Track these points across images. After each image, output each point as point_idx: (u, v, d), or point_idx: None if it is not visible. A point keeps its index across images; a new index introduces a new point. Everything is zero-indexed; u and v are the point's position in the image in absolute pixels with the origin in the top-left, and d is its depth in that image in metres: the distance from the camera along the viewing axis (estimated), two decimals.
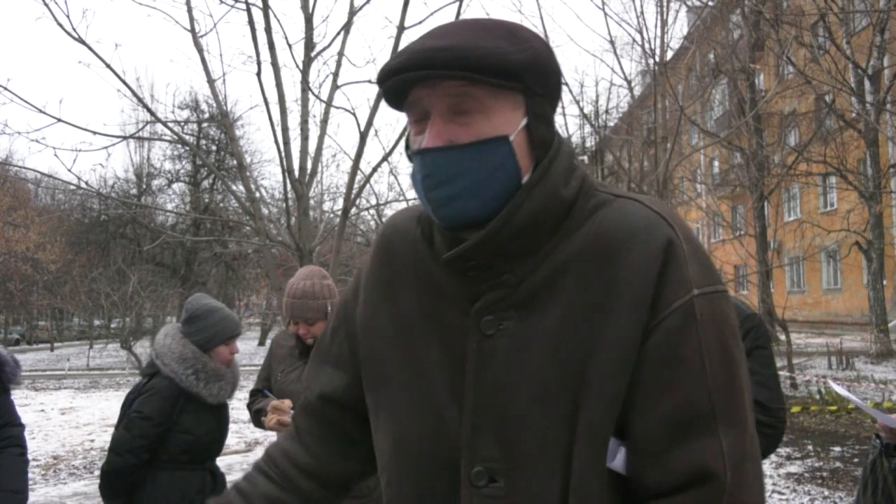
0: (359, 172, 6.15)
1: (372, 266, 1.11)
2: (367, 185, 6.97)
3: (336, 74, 6.02)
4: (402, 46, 5.93)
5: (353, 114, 5.88)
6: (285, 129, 5.96)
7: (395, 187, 17.36)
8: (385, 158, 6.39)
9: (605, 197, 0.96)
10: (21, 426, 2.47)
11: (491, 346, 0.94)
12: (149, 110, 6.31)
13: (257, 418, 2.69)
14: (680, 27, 26.00)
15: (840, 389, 2.62)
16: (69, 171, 5.74)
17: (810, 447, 7.00)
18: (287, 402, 2.55)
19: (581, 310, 0.90)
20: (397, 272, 1.07)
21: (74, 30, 5.33)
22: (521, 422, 0.92)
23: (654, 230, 0.90)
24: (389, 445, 1.04)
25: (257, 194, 6.91)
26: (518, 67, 0.90)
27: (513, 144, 0.92)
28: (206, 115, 26.57)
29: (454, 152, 0.91)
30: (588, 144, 17.76)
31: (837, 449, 6.88)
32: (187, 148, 21.36)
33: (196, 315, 2.69)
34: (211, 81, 6.09)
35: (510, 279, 0.94)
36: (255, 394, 2.86)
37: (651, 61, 8.77)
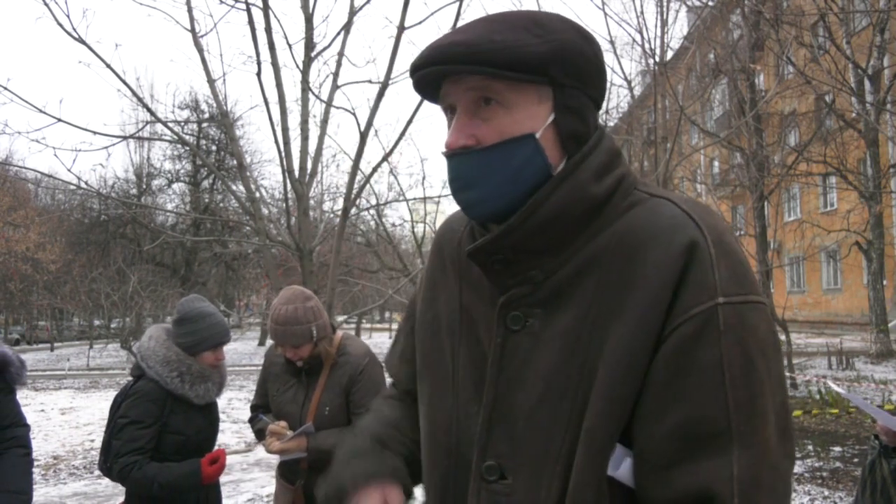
0: (359, 172, 6.14)
1: (428, 264, 1.15)
2: (367, 185, 6.97)
3: (336, 74, 6.01)
4: (402, 46, 5.87)
5: (353, 114, 5.87)
6: (285, 129, 5.95)
7: (394, 187, 17.36)
8: (385, 158, 6.39)
9: (642, 196, 0.93)
10: (26, 426, 2.47)
11: (514, 342, 0.93)
12: (149, 110, 6.31)
13: (259, 438, 2.71)
14: (680, 27, 26.03)
15: (839, 389, 2.62)
16: (69, 171, 5.71)
17: (810, 447, 7.00)
18: (283, 424, 2.57)
19: (598, 310, 0.88)
20: (446, 270, 1.09)
21: (74, 30, 5.33)
22: (530, 420, 0.90)
23: (678, 231, 0.86)
24: (424, 436, 1.06)
25: (257, 194, 6.91)
26: (539, 59, 0.88)
27: (539, 141, 0.90)
28: (206, 115, 26.58)
29: (477, 155, 0.91)
30: None
31: (837, 449, 6.88)
32: (187, 148, 21.37)
33: (186, 318, 2.68)
34: (211, 81, 6.09)
35: (537, 275, 0.93)
36: (255, 409, 2.86)
37: (651, 61, 8.76)
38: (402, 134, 5.89)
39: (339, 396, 2.57)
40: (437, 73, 0.91)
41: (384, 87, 5.50)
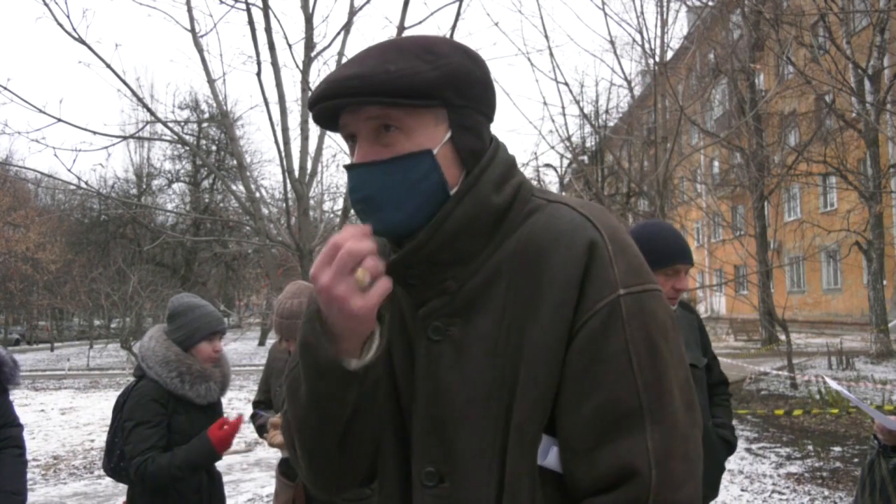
0: None
1: None
2: None
3: None
4: None
5: None
6: (285, 129, 5.96)
7: None
8: None
9: (539, 202, 1.00)
10: (20, 427, 2.47)
11: (437, 351, 0.98)
12: (149, 110, 6.31)
13: (260, 433, 2.71)
14: (680, 27, 26.02)
15: (837, 387, 2.62)
16: (69, 171, 5.72)
17: (810, 447, 6.99)
18: (279, 419, 2.56)
19: (512, 313, 0.93)
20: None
21: (74, 30, 5.33)
22: (461, 423, 0.95)
23: (578, 232, 0.93)
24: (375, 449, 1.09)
25: (257, 194, 6.91)
26: (432, 84, 0.93)
27: (436, 157, 0.95)
28: (206, 115, 26.59)
29: (377, 168, 0.95)
30: (588, 144, 17.76)
31: (837, 449, 6.88)
32: (187, 148, 21.35)
33: (176, 312, 2.67)
34: (211, 81, 6.09)
35: (452, 285, 0.98)
36: (256, 405, 2.86)
37: (651, 61, 8.76)
38: None
39: None
40: (335, 107, 0.95)
41: None
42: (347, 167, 0.98)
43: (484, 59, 1.02)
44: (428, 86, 0.92)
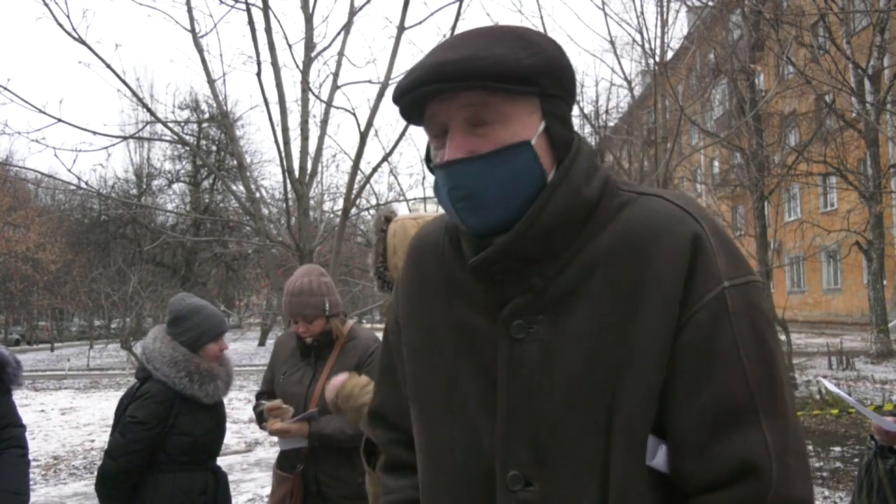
0: (359, 172, 6.14)
1: (403, 280, 1.12)
2: (367, 185, 6.97)
3: (336, 74, 6.01)
4: (402, 47, 5.86)
5: (353, 114, 5.86)
6: (285, 130, 5.95)
7: (395, 187, 17.34)
8: (385, 158, 6.38)
9: (629, 195, 0.96)
10: (22, 427, 2.47)
11: (521, 351, 0.94)
12: (149, 110, 6.31)
13: (260, 422, 2.71)
14: (680, 27, 26.02)
15: (833, 387, 2.62)
16: (69, 171, 5.70)
17: (810, 447, 7.00)
18: (277, 402, 2.57)
19: (611, 310, 0.90)
20: (427, 284, 1.07)
21: (74, 30, 5.33)
22: (555, 425, 0.91)
23: (680, 226, 0.90)
24: (423, 457, 1.04)
25: (257, 194, 6.91)
26: (532, 72, 0.90)
27: (535, 148, 0.92)
28: (206, 115, 26.56)
29: (478, 162, 0.91)
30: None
31: (837, 449, 6.88)
32: (187, 148, 21.37)
33: (180, 316, 2.68)
34: (211, 81, 6.09)
35: (538, 283, 0.94)
36: (259, 396, 2.87)
37: (651, 61, 8.76)
38: (402, 134, 5.88)
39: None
40: (430, 93, 0.90)
41: (384, 87, 5.50)
42: (443, 164, 0.92)
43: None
44: (528, 72, 0.89)
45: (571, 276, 0.93)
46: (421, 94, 0.91)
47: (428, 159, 0.99)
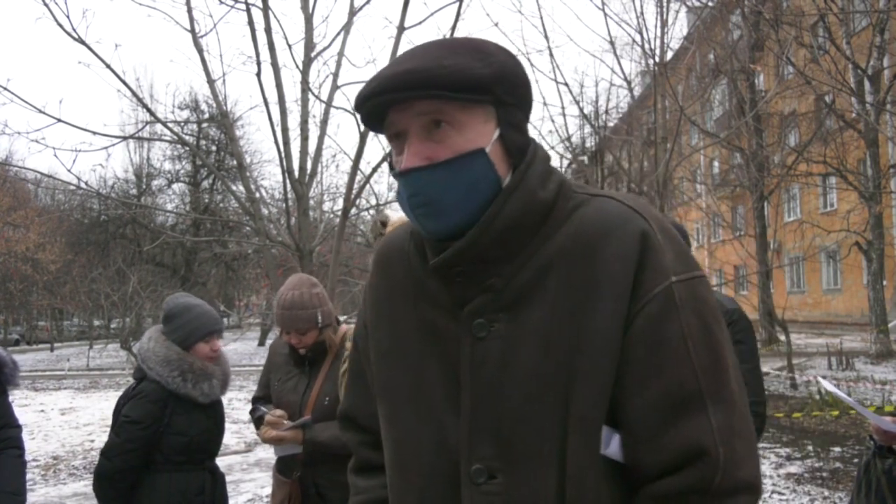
0: (359, 172, 6.15)
1: (371, 285, 1.16)
2: (367, 186, 6.97)
3: (336, 75, 6.02)
4: (401, 47, 5.88)
5: (353, 114, 5.87)
6: (285, 130, 5.96)
7: (394, 187, 17.32)
8: (385, 158, 6.38)
9: (583, 197, 1.01)
10: (19, 427, 2.47)
11: (483, 349, 0.97)
12: (148, 110, 6.32)
13: (258, 427, 2.70)
14: (680, 27, 25.97)
15: (830, 386, 2.62)
16: (69, 171, 5.70)
17: (810, 447, 7.00)
18: (277, 412, 2.57)
19: (566, 306, 0.94)
20: (394, 288, 1.11)
21: (74, 30, 5.33)
22: (517, 419, 0.95)
23: (629, 224, 0.95)
24: (390, 455, 1.08)
25: (257, 194, 6.91)
26: (485, 81, 0.94)
27: (489, 155, 0.96)
28: (206, 115, 26.57)
29: (435, 170, 0.95)
30: (588, 145, 17.74)
31: (837, 449, 6.88)
32: (187, 148, 21.36)
33: (172, 313, 2.68)
34: (211, 81, 6.10)
35: (497, 283, 0.98)
36: (255, 401, 2.86)
37: (651, 61, 8.77)
38: None
39: (340, 387, 2.57)
40: (388, 102, 0.95)
41: None
42: (402, 172, 0.96)
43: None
44: (482, 81, 0.94)
45: (528, 275, 0.97)
46: (380, 103, 0.95)
47: (391, 167, 1.03)
